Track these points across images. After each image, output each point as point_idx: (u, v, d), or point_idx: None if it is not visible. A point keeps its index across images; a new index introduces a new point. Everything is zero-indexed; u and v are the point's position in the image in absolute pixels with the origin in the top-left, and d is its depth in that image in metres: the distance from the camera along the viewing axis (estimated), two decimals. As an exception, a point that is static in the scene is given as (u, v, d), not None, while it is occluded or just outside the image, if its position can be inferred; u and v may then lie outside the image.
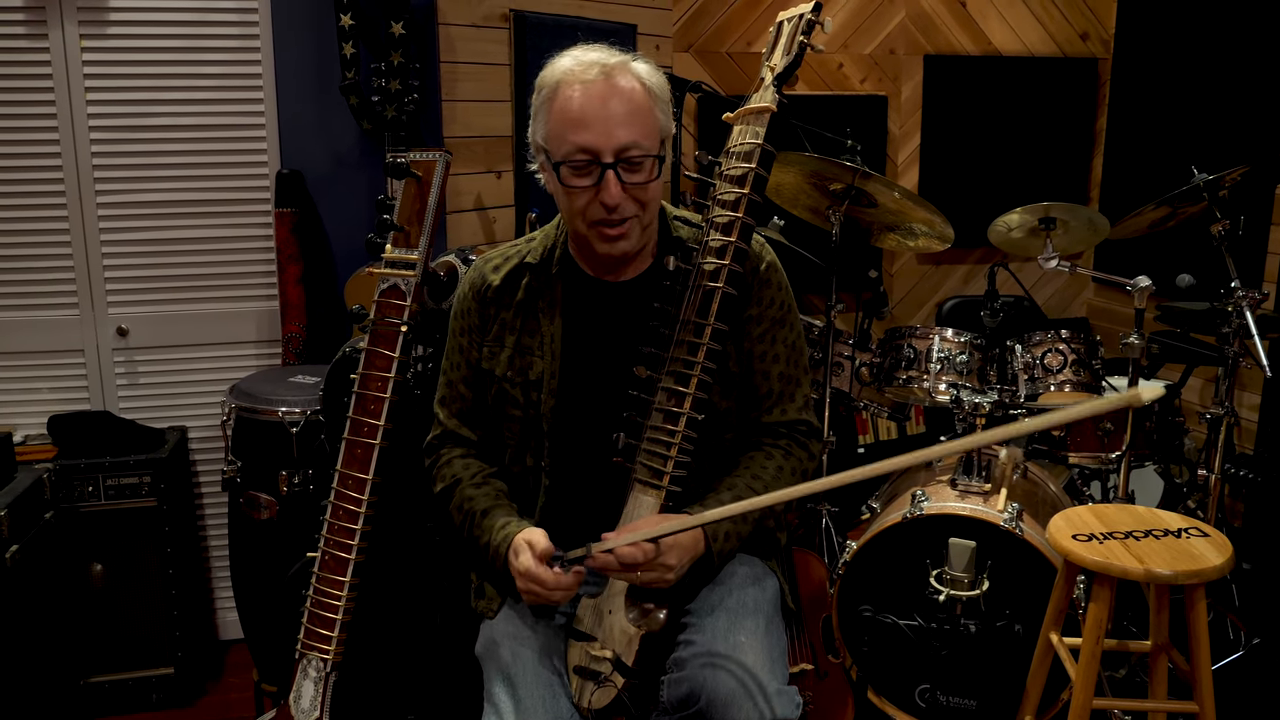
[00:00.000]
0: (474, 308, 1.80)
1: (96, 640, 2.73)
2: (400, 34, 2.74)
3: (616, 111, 1.58)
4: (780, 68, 1.64)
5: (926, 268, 4.28)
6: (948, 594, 2.34)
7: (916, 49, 4.07)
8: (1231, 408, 2.58)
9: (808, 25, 1.63)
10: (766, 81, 1.65)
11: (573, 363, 1.74)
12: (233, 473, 2.58)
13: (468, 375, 1.82)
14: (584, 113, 1.58)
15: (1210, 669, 1.94)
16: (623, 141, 1.58)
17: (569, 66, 1.62)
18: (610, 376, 1.69)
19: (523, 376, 1.74)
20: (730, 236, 1.59)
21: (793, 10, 1.69)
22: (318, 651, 1.94)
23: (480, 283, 1.81)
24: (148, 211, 2.89)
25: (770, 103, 1.62)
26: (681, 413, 1.57)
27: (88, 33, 2.75)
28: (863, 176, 2.75)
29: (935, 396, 2.74)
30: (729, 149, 1.65)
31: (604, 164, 1.59)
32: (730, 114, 1.69)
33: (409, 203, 2.00)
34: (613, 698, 1.51)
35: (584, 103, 1.58)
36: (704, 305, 1.59)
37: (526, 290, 1.77)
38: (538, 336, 1.75)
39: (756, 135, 1.61)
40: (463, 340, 1.82)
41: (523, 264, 1.79)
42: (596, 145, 1.58)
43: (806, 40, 1.62)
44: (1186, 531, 2.00)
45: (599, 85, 1.59)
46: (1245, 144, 3.39)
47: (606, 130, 1.58)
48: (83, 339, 2.90)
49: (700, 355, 1.58)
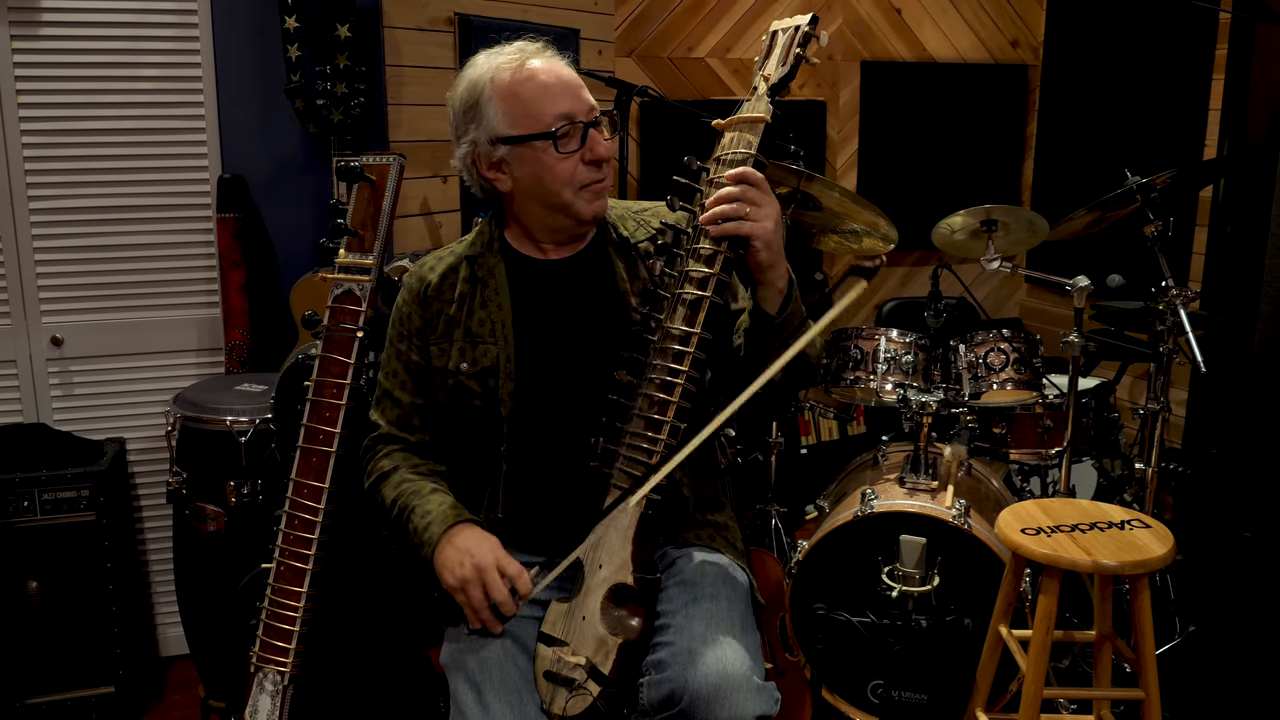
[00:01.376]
0: (415, 311, 1.80)
1: (33, 660, 2.65)
2: (346, 36, 2.71)
3: (574, 79, 1.71)
4: (775, 78, 1.62)
5: (866, 270, 4.34)
6: (900, 590, 2.38)
7: (854, 55, 4.14)
8: (1167, 403, 2.67)
9: (804, 38, 1.62)
10: (760, 91, 1.62)
11: (526, 344, 1.75)
12: (178, 484, 2.52)
13: (405, 381, 1.81)
14: (552, 82, 1.68)
15: (1155, 656, 2.01)
16: (590, 101, 1.71)
17: (498, 59, 1.71)
18: (565, 354, 1.72)
19: (478, 366, 1.75)
20: (720, 247, 1.57)
21: (787, 21, 1.68)
22: (274, 664, 1.90)
23: (418, 285, 1.81)
24: (83, 217, 2.81)
25: (764, 113, 1.60)
26: (665, 421, 1.56)
27: (19, 34, 2.67)
28: (807, 179, 2.79)
29: (882, 396, 2.78)
30: (719, 156, 1.63)
31: (585, 124, 1.68)
32: (720, 120, 1.67)
33: (362, 207, 1.98)
34: (588, 705, 1.50)
35: (548, 76, 1.68)
36: (692, 313, 1.57)
37: (467, 282, 1.79)
38: (487, 324, 1.75)
39: (749, 144, 1.59)
40: (401, 346, 1.81)
41: (459, 258, 1.82)
42: (574, 109, 1.68)
43: (803, 53, 1.61)
44: (1129, 524, 2.07)
45: (550, 60, 1.71)
46: (1170, 149, 3.51)
47: (576, 94, 1.69)
48: (15, 349, 2.81)
49: (686, 364, 1.57)
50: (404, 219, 3.01)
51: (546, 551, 1.73)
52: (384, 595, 2.15)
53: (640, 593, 1.56)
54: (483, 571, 1.60)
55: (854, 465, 2.97)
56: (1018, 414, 2.83)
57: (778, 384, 1.63)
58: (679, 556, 1.75)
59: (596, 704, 1.50)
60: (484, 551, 1.62)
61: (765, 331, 1.61)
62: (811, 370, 1.75)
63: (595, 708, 1.50)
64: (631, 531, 1.57)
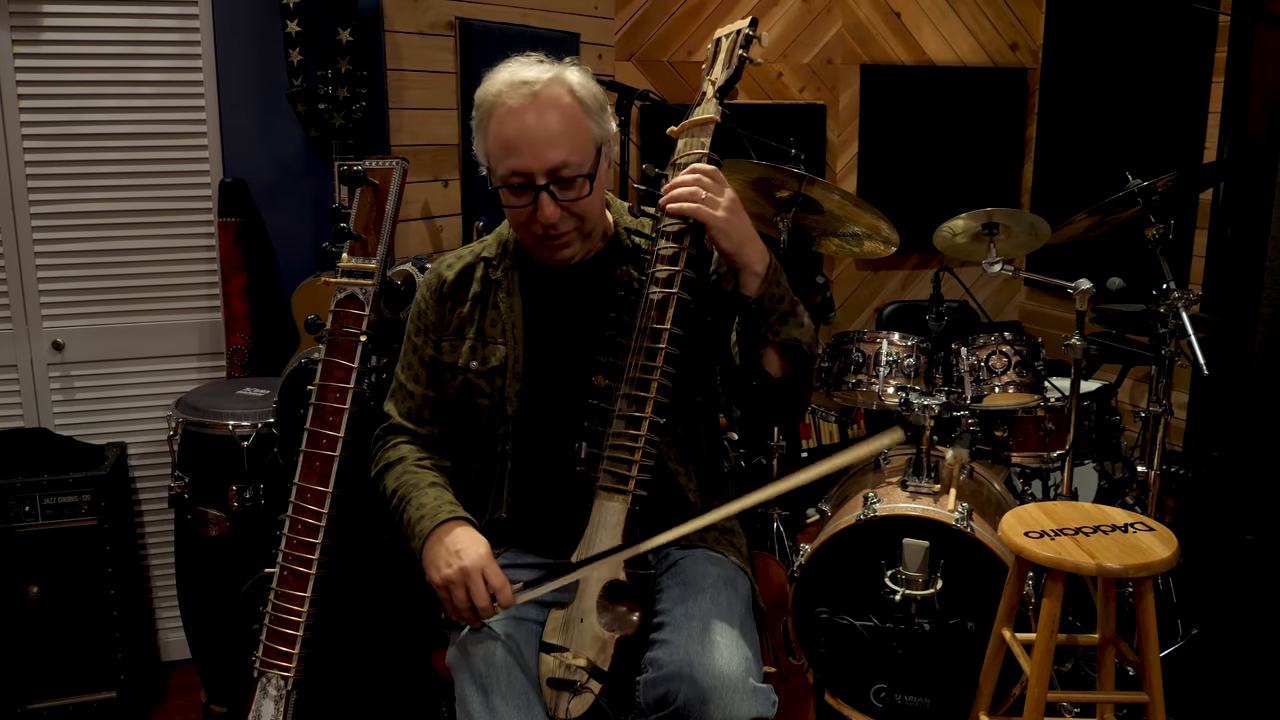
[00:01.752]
0: (431, 306, 1.84)
1: (35, 665, 2.64)
2: (348, 40, 2.71)
3: (546, 132, 1.63)
4: (721, 80, 1.70)
5: (865, 274, 4.35)
6: (903, 593, 2.38)
7: (853, 59, 4.15)
8: (1169, 405, 2.67)
9: (745, 40, 1.70)
10: (709, 95, 1.71)
11: (535, 346, 1.78)
12: (180, 488, 2.52)
13: (419, 374, 1.85)
14: (514, 137, 1.63)
15: (1159, 659, 2.00)
16: (553, 163, 1.63)
17: (501, 87, 1.66)
18: (572, 358, 1.73)
19: (486, 365, 1.77)
20: (683, 244, 1.63)
21: (730, 27, 1.75)
22: (278, 669, 1.90)
23: (436, 281, 1.85)
24: (84, 222, 2.81)
25: (714, 114, 1.68)
26: (643, 417, 1.60)
27: (20, 38, 2.67)
28: (808, 182, 2.79)
29: (884, 399, 2.78)
30: (675, 160, 1.70)
31: (537, 186, 1.64)
32: (674, 128, 1.74)
33: (365, 211, 1.98)
34: (590, 704, 1.51)
35: (514, 127, 1.63)
36: (660, 312, 1.63)
37: (482, 282, 1.82)
38: (499, 325, 1.78)
39: (703, 145, 1.67)
40: (417, 340, 1.85)
41: (477, 259, 1.85)
42: (528, 168, 1.64)
43: (745, 54, 1.70)
44: (1133, 526, 2.07)
45: (527, 108, 1.63)
46: (1169, 153, 3.51)
47: (536, 153, 1.63)
48: (16, 354, 2.80)
49: (659, 360, 1.61)
50: (405, 223, 3.01)
51: (548, 552, 1.75)
52: (387, 599, 2.15)
53: (634, 588, 1.58)
54: (468, 575, 1.60)
55: (856, 468, 2.96)
56: (1019, 417, 2.83)
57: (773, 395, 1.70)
58: (682, 557, 1.76)
59: (599, 702, 1.51)
60: (472, 555, 1.62)
61: (747, 314, 1.64)
62: (805, 364, 1.74)
63: (598, 706, 1.51)
64: (620, 529, 1.59)
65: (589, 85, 1.70)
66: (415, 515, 1.71)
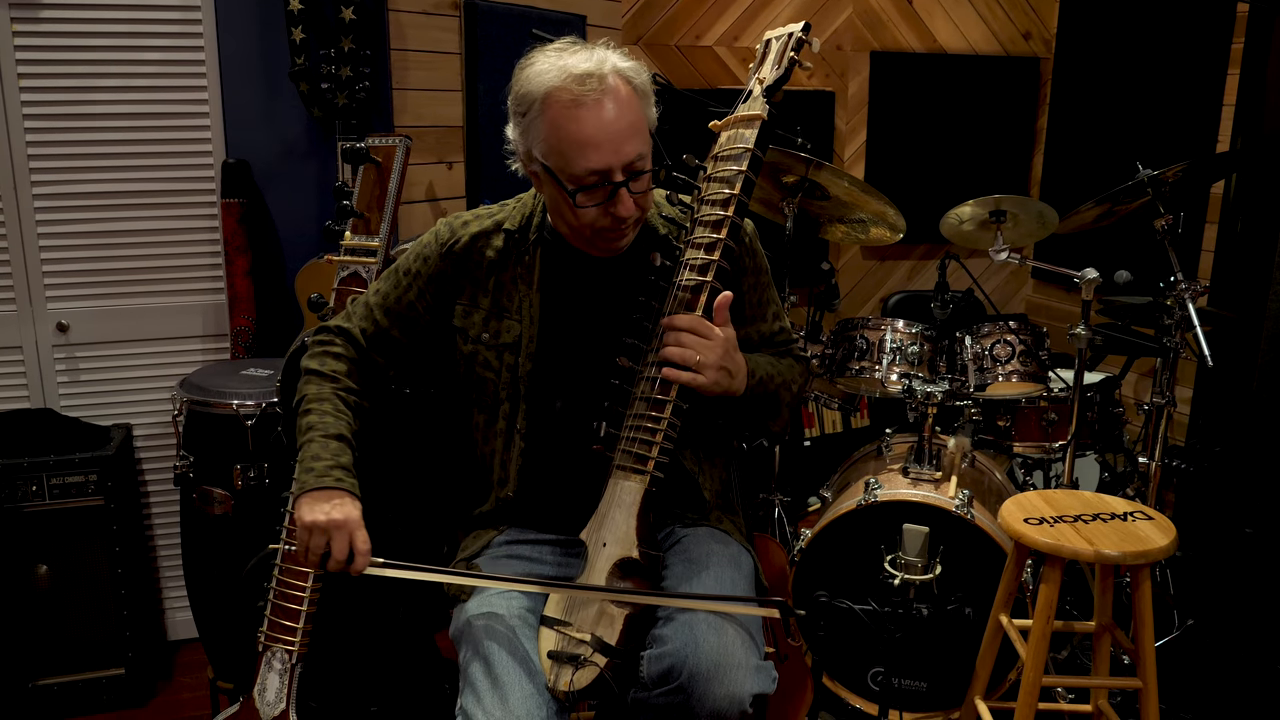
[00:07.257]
0: (436, 261, 1.77)
1: (44, 642, 2.66)
2: (351, 19, 2.70)
3: (621, 127, 1.57)
4: (770, 80, 1.71)
5: (871, 263, 4.34)
6: (902, 578, 2.38)
7: (863, 45, 4.12)
8: (1172, 397, 2.66)
9: (798, 43, 1.72)
10: (755, 93, 1.72)
11: (551, 330, 1.76)
12: (185, 468, 2.53)
13: (391, 309, 1.79)
14: (593, 134, 1.56)
15: (1154, 647, 2.01)
16: (630, 157, 1.59)
17: (557, 79, 1.57)
18: (589, 344, 1.72)
19: (499, 339, 1.76)
20: (720, 234, 1.64)
21: (781, 30, 1.77)
22: (282, 644, 1.92)
23: (449, 236, 1.78)
24: (87, 203, 2.81)
25: (760, 111, 1.68)
26: (668, 400, 1.61)
27: (19, 16, 2.66)
28: (816, 167, 2.78)
29: (888, 387, 2.78)
30: (716, 153, 1.70)
31: (614, 182, 1.59)
32: (717, 122, 1.74)
33: (368, 189, 1.99)
34: (595, 677, 1.52)
35: (592, 125, 1.56)
36: (694, 296, 1.63)
37: (500, 253, 1.77)
38: (515, 300, 1.76)
39: (747, 141, 1.67)
40: (404, 279, 1.79)
41: (497, 227, 1.79)
42: (608, 165, 1.57)
43: (796, 57, 1.71)
44: (1132, 515, 2.07)
45: (601, 103, 1.56)
46: (1181, 144, 3.49)
47: (616, 149, 1.57)
48: (21, 335, 2.82)
49: None
50: (409, 205, 3.02)
51: (555, 530, 1.78)
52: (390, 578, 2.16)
53: (646, 567, 1.60)
54: (335, 527, 1.57)
55: (857, 456, 2.97)
56: (1022, 406, 2.83)
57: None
58: (686, 535, 1.78)
59: (604, 675, 1.52)
60: (349, 512, 1.59)
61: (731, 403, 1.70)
62: (797, 402, 1.86)
63: (602, 679, 1.52)
64: (636, 508, 1.61)
65: (640, 71, 1.65)
66: (312, 456, 1.64)
